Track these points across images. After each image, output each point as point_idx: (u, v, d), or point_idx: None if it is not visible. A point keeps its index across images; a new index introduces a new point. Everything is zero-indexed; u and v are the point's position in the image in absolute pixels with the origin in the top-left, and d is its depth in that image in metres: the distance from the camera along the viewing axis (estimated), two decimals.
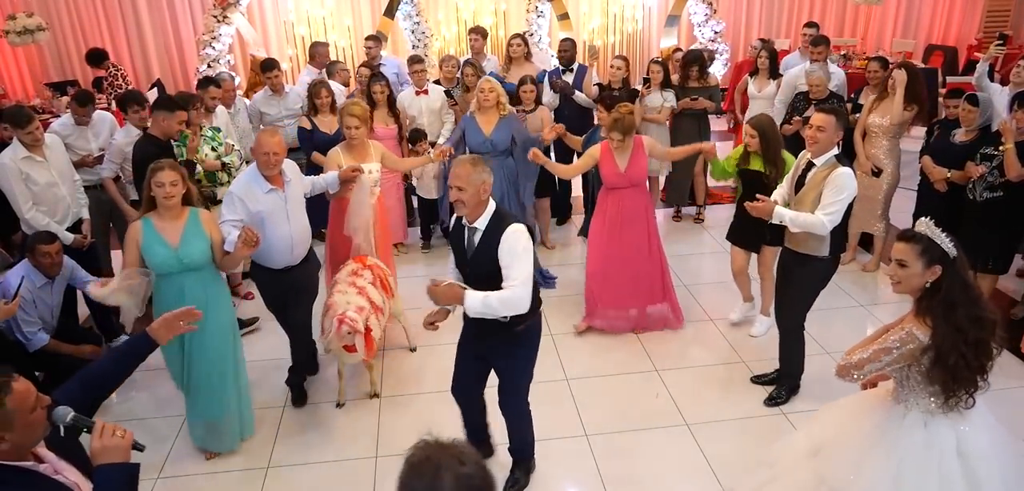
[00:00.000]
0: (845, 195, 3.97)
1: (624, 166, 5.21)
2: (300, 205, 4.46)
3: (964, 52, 11.61)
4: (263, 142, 4.19)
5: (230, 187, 4.29)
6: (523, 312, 3.38)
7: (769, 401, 4.62)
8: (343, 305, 4.40)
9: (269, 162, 4.20)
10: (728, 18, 11.97)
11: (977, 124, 5.36)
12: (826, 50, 6.85)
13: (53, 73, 11.09)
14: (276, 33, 11.48)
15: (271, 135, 4.21)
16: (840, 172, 3.99)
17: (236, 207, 4.15)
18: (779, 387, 4.66)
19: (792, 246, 4.33)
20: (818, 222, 3.99)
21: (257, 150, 4.21)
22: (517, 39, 7.56)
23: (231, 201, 4.18)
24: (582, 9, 11.85)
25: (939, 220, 5.52)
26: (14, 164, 4.85)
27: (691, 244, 7.15)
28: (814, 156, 4.13)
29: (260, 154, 4.19)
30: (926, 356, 2.77)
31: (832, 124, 4.01)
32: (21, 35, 9.12)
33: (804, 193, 4.15)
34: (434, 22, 11.21)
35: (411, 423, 4.58)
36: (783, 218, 4.06)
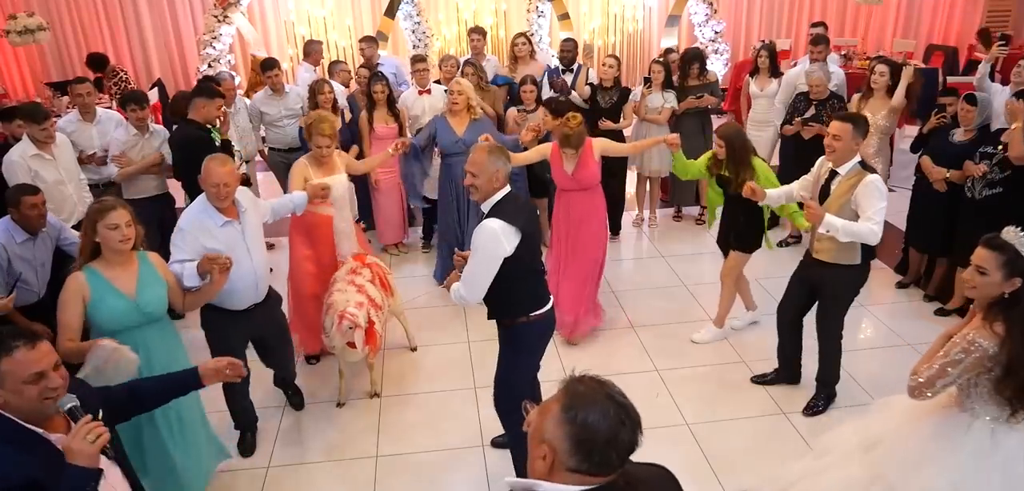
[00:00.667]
0: (884, 202, 3.89)
1: (572, 169, 5.14)
2: (259, 235, 4.04)
3: (964, 52, 11.60)
4: (212, 172, 3.69)
5: (179, 221, 3.78)
6: (476, 305, 3.54)
7: (808, 411, 4.54)
8: (343, 303, 4.40)
9: (220, 194, 3.72)
10: (728, 18, 11.97)
11: (976, 124, 5.36)
12: (826, 50, 6.84)
13: (54, 73, 11.10)
14: (276, 33, 11.48)
15: (221, 164, 3.73)
16: (872, 179, 3.92)
17: (187, 245, 3.68)
18: (817, 396, 4.58)
19: (822, 257, 4.21)
20: (869, 231, 3.88)
21: (206, 180, 3.71)
22: (521, 38, 7.56)
23: (181, 238, 3.70)
24: (582, 9, 11.85)
25: (935, 220, 5.59)
26: (23, 161, 4.85)
27: (691, 244, 7.15)
28: (835, 165, 4.06)
29: (210, 185, 3.71)
30: (997, 367, 2.73)
31: (849, 132, 3.95)
32: (22, 35, 9.13)
33: (829, 202, 4.04)
34: (434, 22, 11.22)
35: (411, 422, 4.59)
36: (832, 227, 3.91)
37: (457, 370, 5.10)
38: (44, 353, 2.21)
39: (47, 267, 4.53)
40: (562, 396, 1.62)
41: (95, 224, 3.25)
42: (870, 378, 4.84)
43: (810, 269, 4.37)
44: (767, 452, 4.24)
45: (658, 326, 5.61)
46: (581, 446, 1.57)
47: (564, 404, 1.60)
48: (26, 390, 2.16)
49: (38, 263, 4.43)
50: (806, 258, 4.42)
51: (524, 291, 3.60)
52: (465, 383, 4.95)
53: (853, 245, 4.05)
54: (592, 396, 1.58)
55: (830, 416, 4.49)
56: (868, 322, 5.63)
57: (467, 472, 4.14)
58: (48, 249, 4.50)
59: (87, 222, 3.31)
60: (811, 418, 4.48)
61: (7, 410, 2.17)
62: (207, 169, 3.69)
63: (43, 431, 2.22)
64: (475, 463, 4.21)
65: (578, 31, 11.29)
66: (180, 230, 3.70)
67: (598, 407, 1.57)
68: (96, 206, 3.32)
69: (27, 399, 2.17)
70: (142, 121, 5.55)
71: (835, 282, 4.24)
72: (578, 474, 1.59)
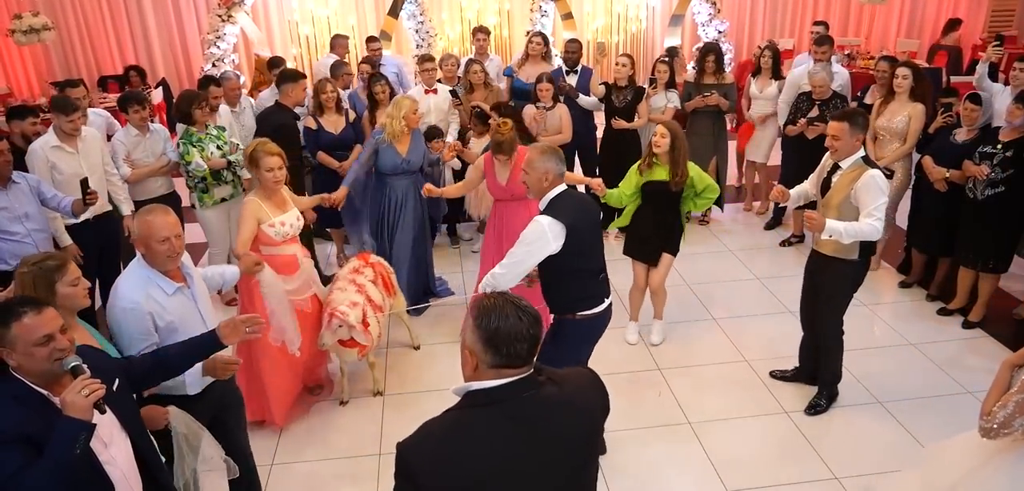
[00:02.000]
0: (884, 198, 3.92)
1: (505, 179, 5.05)
2: (207, 298, 3.30)
3: (968, 52, 11.58)
4: (155, 227, 2.93)
5: (117, 300, 2.97)
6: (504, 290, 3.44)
7: (810, 409, 4.55)
8: (339, 301, 4.42)
9: (169, 251, 2.98)
10: (732, 18, 11.95)
11: (979, 124, 5.36)
12: (830, 50, 6.83)
13: (58, 72, 11.12)
14: (280, 32, 11.50)
15: (163, 214, 2.99)
16: (872, 174, 3.94)
17: (144, 324, 2.95)
18: (820, 394, 4.59)
19: (823, 250, 4.26)
20: (870, 228, 3.91)
21: (149, 238, 2.94)
22: (538, 37, 7.55)
23: (135, 318, 2.93)
24: (586, 9, 11.85)
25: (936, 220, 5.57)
26: (43, 152, 4.90)
27: (694, 244, 7.13)
28: (838, 160, 4.10)
29: (156, 243, 2.94)
30: None
31: (846, 131, 3.98)
32: (27, 34, 9.16)
33: (831, 195, 4.11)
34: (438, 21, 11.23)
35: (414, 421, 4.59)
36: (836, 231, 3.94)
37: (460, 368, 5.09)
38: (50, 317, 2.31)
39: (38, 218, 4.58)
40: (474, 311, 1.94)
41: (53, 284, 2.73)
42: (873, 378, 4.85)
43: (814, 263, 4.41)
44: (769, 451, 4.25)
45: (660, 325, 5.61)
46: (491, 343, 1.88)
47: (475, 316, 1.92)
48: (37, 352, 2.27)
49: (20, 212, 4.47)
50: (811, 253, 4.46)
51: (574, 288, 3.69)
52: None
53: (854, 241, 4.07)
54: (495, 304, 1.92)
55: (833, 416, 4.50)
56: (871, 322, 5.63)
57: None
58: (29, 200, 4.54)
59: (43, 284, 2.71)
60: (813, 417, 4.49)
61: (20, 373, 2.30)
62: (148, 223, 2.94)
63: (48, 393, 2.32)
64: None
65: (582, 31, 11.30)
66: (125, 311, 2.93)
67: (500, 311, 1.89)
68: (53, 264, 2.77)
69: (38, 360, 2.28)
70: (144, 121, 5.57)
71: (833, 276, 4.28)
72: (497, 368, 1.90)
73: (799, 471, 4.06)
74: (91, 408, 2.22)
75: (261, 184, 4.26)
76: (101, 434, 2.36)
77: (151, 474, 2.63)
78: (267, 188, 4.25)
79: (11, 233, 4.43)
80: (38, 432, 2.20)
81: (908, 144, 5.78)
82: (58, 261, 2.78)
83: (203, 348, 2.85)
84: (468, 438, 1.89)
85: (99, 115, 6.03)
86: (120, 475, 2.45)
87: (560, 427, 1.94)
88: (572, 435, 1.96)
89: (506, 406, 1.89)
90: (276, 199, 4.29)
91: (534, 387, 1.92)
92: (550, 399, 1.94)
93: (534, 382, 1.93)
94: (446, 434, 1.92)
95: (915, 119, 5.71)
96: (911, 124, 5.72)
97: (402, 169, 5.58)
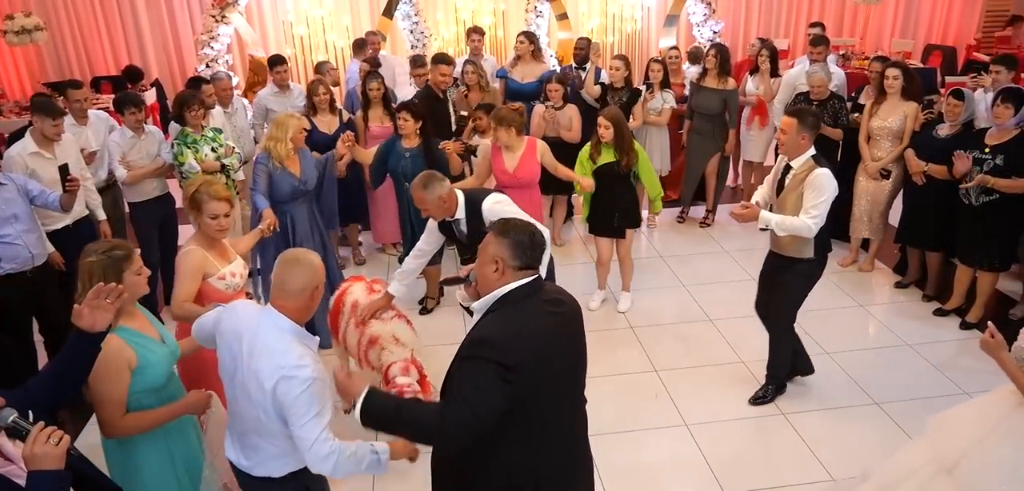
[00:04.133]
0: (826, 196, 4.01)
1: (513, 166, 5.32)
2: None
3: (963, 52, 11.60)
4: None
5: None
6: None
7: (755, 400, 4.64)
8: (395, 373, 3.91)
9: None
10: (727, 18, 11.95)
11: (961, 119, 5.37)
12: (826, 50, 6.83)
13: (51, 73, 11.06)
14: (275, 33, 11.45)
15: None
16: (819, 173, 4.03)
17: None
18: (766, 387, 4.68)
19: (778, 250, 4.37)
20: (803, 225, 4.03)
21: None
22: (522, 37, 7.54)
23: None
24: (581, 9, 11.83)
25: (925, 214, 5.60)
26: (21, 159, 4.81)
27: (692, 244, 7.14)
28: (787, 158, 4.19)
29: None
30: None
31: (794, 127, 4.07)
32: (19, 35, 9.11)
33: (785, 195, 4.19)
34: (433, 22, 11.20)
35: None
36: (769, 223, 4.10)
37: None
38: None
39: (27, 219, 4.49)
40: (492, 231, 2.45)
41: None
42: (870, 380, 4.83)
43: (771, 262, 4.52)
44: (766, 453, 4.24)
45: (657, 326, 5.60)
46: (518, 248, 2.37)
47: (497, 231, 2.43)
48: None
49: (8, 214, 4.39)
50: (769, 254, 4.54)
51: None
52: None
53: (806, 240, 4.16)
54: (509, 221, 2.48)
55: (830, 417, 4.49)
56: (867, 323, 5.62)
57: None
58: (16, 198, 4.44)
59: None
60: (810, 419, 4.48)
61: None
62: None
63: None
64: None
65: (577, 31, 11.27)
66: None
67: (516, 223, 2.46)
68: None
69: None
70: (139, 123, 5.54)
71: (794, 276, 4.35)
72: (521, 270, 2.38)
73: (796, 473, 4.05)
74: (63, 456, 2.02)
75: (201, 230, 3.60)
76: (12, 468, 2.17)
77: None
78: (209, 236, 3.61)
79: (1, 235, 4.37)
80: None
81: (904, 143, 5.78)
82: (125, 251, 2.80)
83: (83, 346, 2.40)
84: (529, 321, 2.33)
85: (100, 117, 5.97)
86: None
87: (571, 309, 2.50)
88: (577, 315, 2.53)
89: (539, 294, 2.40)
90: (219, 248, 3.69)
91: (542, 283, 2.45)
92: (554, 290, 2.52)
93: (541, 280, 2.46)
94: (517, 322, 2.32)
95: (911, 118, 5.72)
96: (907, 123, 5.72)
97: (301, 190, 4.97)
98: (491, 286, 2.38)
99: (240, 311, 2.65)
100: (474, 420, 2.21)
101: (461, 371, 2.29)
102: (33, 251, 4.52)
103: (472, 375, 2.24)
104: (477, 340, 2.29)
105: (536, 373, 2.27)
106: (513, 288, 2.36)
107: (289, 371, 2.41)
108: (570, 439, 2.55)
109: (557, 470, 2.47)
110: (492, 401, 2.22)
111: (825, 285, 6.10)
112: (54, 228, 4.93)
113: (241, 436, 2.68)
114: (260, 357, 2.46)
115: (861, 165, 6.09)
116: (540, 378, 2.30)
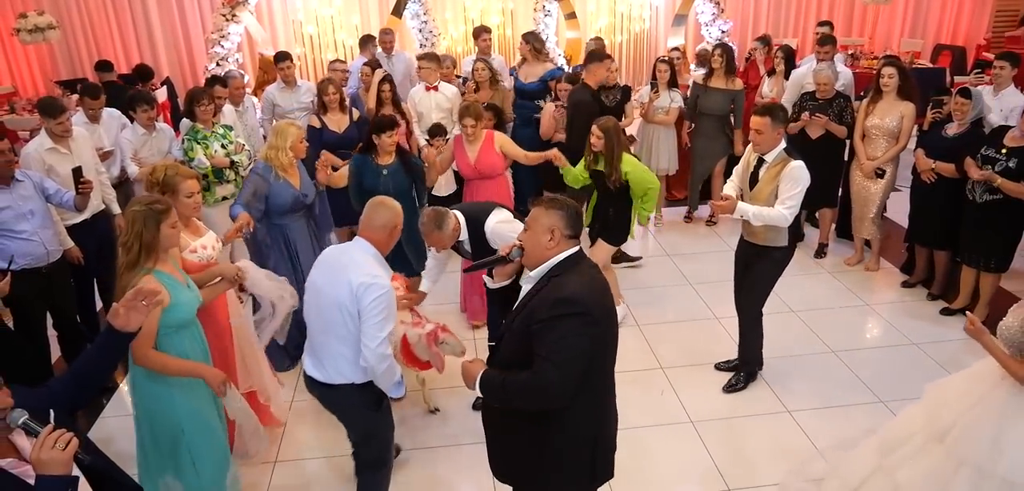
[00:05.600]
0: (801, 187, 4.14)
1: (474, 158, 5.38)
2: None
3: (973, 52, 11.57)
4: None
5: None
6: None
7: (728, 388, 4.77)
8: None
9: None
10: (735, 17, 11.95)
11: (969, 118, 5.37)
12: (833, 49, 6.84)
13: (63, 71, 11.17)
14: (285, 32, 11.52)
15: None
16: (794, 165, 4.16)
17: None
18: (737, 374, 4.81)
19: (751, 239, 4.48)
20: (779, 215, 4.16)
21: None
22: (523, 38, 7.59)
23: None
24: (590, 8, 11.86)
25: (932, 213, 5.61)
26: (38, 155, 4.92)
27: (698, 243, 7.16)
28: (761, 153, 4.29)
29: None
30: None
31: (768, 125, 4.19)
32: (32, 33, 9.20)
33: (759, 188, 4.30)
34: (441, 21, 11.25)
35: (421, 422, 4.62)
36: (746, 213, 4.23)
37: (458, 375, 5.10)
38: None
39: (43, 216, 4.60)
40: (543, 204, 2.63)
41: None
42: (875, 377, 4.86)
43: (744, 251, 4.62)
44: (771, 449, 4.26)
45: (662, 324, 5.63)
46: (569, 218, 2.60)
47: (547, 205, 2.61)
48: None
49: (24, 210, 4.49)
50: (740, 242, 4.65)
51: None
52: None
53: (780, 229, 4.28)
54: (555, 196, 2.69)
55: (835, 415, 4.51)
56: (873, 321, 5.64)
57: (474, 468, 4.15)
58: (33, 196, 4.55)
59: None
60: (815, 416, 4.50)
61: None
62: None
63: (8, 465, 2.15)
64: (480, 457, 4.23)
65: (585, 30, 11.31)
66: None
67: (560, 198, 2.67)
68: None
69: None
70: (151, 121, 5.62)
71: (766, 263, 4.48)
72: (570, 239, 2.61)
73: (802, 469, 4.06)
74: (70, 461, 2.05)
75: (177, 211, 3.56)
76: (26, 468, 2.20)
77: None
78: (183, 216, 3.77)
79: (17, 231, 4.44)
80: None
81: (901, 143, 5.80)
82: (164, 206, 3.18)
83: (112, 344, 2.52)
84: (592, 281, 2.58)
85: (113, 116, 6.05)
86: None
87: (603, 276, 2.73)
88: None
89: (585, 260, 2.66)
90: (191, 226, 3.91)
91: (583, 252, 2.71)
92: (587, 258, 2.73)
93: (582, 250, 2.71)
94: (586, 280, 2.56)
95: (907, 118, 5.75)
96: (904, 123, 5.75)
97: (301, 203, 4.88)
98: (544, 255, 2.58)
99: (332, 249, 3.37)
100: (575, 377, 2.47)
101: (554, 332, 2.44)
102: (49, 248, 4.62)
103: (566, 336, 2.43)
104: (561, 300, 2.45)
105: (607, 329, 2.59)
106: (567, 255, 2.60)
107: (370, 279, 3.07)
108: (614, 397, 2.84)
109: (609, 426, 2.82)
110: (585, 355, 2.47)
111: (830, 284, 6.16)
112: (73, 222, 5.02)
113: (322, 349, 3.25)
114: (350, 269, 3.12)
115: (855, 162, 6.12)
116: (608, 334, 2.62)
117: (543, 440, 2.67)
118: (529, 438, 2.70)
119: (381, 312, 3.07)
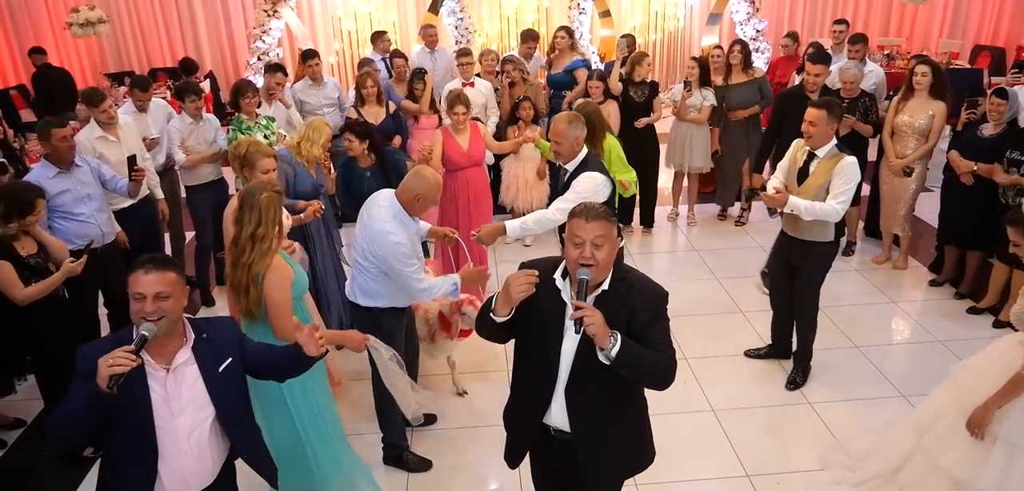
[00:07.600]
0: (853, 183, 4.19)
1: (466, 145, 5.62)
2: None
3: (1012, 53, 11.39)
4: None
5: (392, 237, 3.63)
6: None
7: (790, 384, 4.78)
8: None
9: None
10: (771, 16, 11.92)
11: (1005, 118, 5.38)
12: (864, 48, 6.85)
13: (111, 64, 11.57)
14: (324, 28, 11.78)
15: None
16: (849, 161, 4.19)
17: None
18: (795, 371, 4.84)
19: (797, 235, 4.47)
20: (831, 210, 4.20)
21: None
22: (561, 32, 7.72)
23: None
24: (624, 6, 11.93)
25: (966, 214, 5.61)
26: (89, 142, 5.20)
27: (727, 239, 7.22)
28: (813, 148, 4.31)
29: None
30: None
31: (823, 118, 4.21)
32: (83, 27, 9.58)
33: (809, 182, 4.32)
34: (478, 17, 11.40)
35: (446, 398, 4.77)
36: (796, 207, 4.24)
37: (487, 358, 5.26)
38: (151, 282, 2.36)
39: (99, 200, 4.87)
40: (600, 218, 2.61)
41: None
42: (900, 374, 4.90)
43: (787, 248, 4.63)
44: (791, 438, 4.35)
45: (687, 316, 5.69)
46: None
47: (600, 216, 2.60)
48: (132, 304, 2.38)
49: (82, 194, 4.76)
50: (781, 237, 4.68)
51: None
52: (499, 366, 5.13)
53: (827, 223, 4.31)
54: (589, 204, 2.72)
55: (857, 407, 4.57)
56: (899, 319, 5.67)
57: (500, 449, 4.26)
58: (91, 181, 4.82)
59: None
60: (837, 408, 4.57)
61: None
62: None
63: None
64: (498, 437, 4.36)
65: (619, 28, 11.39)
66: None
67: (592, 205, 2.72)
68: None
69: (132, 311, 2.39)
70: (198, 110, 5.87)
71: (811, 258, 4.50)
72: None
73: (821, 459, 4.15)
74: (107, 377, 2.20)
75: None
76: (170, 404, 2.45)
77: (235, 450, 2.71)
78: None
79: (76, 214, 4.72)
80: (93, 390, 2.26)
81: (931, 142, 5.80)
82: (278, 187, 3.65)
83: (301, 360, 2.72)
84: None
85: (160, 106, 6.32)
86: (171, 441, 2.47)
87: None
88: None
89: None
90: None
91: None
92: None
93: None
94: (645, 278, 2.84)
95: (938, 117, 5.73)
96: (934, 122, 5.75)
97: (318, 190, 5.05)
98: (610, 266, 2.65)
99: (376, 196, 3.82)
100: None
101: (665, 322, 2.72)
102: (104, 230, 4.90)
103: (667, 329, 2.70)
104: (661, 296, 2.74)
105: None
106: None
107: (388, 230, 3.61)
108: None
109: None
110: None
111: (857, 282, 6.19)
112: (120, 207, 5.27)
113: (357, 279, 3.80)
114: (376, 220, 3.66)
115: (883, 160, 6.13)
116: None
117: (642, 424, 3.00)
118: (633, 424, 2.97)
119: (403, 256, 3.61)
